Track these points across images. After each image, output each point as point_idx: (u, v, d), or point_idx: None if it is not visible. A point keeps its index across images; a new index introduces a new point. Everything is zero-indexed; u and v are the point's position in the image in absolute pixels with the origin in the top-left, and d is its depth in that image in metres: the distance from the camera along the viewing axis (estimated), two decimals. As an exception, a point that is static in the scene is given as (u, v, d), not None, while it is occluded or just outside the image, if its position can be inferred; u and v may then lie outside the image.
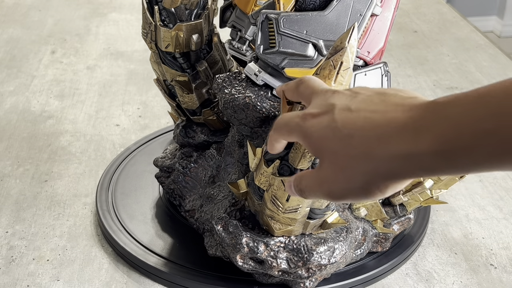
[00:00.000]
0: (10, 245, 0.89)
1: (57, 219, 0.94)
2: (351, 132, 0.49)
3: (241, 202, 0.80)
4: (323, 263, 0.75)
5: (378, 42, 0.76)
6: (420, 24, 1.66)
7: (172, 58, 0.85)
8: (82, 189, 1.01)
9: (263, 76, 0.75)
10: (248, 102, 0.75)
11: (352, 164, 0.50)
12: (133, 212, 0.92)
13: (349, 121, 0.50)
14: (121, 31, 1.61)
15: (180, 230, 0.89)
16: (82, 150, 1.11)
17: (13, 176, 1.04)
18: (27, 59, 1.44)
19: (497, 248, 0.90)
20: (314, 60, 0.73)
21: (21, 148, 1.11)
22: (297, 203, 0.71)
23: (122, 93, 1.30)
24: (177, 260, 0.83)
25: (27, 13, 1.70)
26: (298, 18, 0.72)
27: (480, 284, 0.83)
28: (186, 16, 0.82)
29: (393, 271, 0.85)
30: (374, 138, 0.48)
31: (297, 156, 0.67)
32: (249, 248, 0.75)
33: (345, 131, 0.50)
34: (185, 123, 0.92)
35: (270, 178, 0.70)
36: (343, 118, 0.50)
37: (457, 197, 1.00)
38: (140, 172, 1.01)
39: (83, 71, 1.40)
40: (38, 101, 1.27)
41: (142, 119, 1.21)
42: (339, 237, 0.77)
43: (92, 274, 0.84)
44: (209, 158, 0.89)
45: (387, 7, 0.75)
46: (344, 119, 0.50)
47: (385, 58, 0.78)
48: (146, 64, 1.38)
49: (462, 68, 1.42)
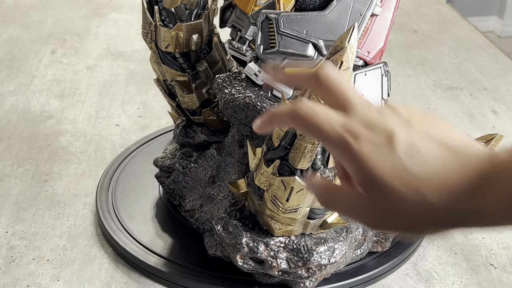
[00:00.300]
0: (10, 245, 0.89)
1: (57, 219, 0.94)
2: (419, 176, 0.44)
3: (241, 202, 0.80)
4: (323, 263, 0.75)
5: (378, 42, 0.76)
6: (420, 24, 1.66)
7: (172, 58, 0.85)
8: (82, 189, 1.01)
9: (263, 76, 0.75)
10: (248, 102, 0.75)
11: (409, 208, 0.45)
12: (133, 212, 0.92)
13: (418, 162, 0.45)
14: (121, 31, 1.61)
15: (180, 230, 0.89)
16: (82, 150, 1.11)
17: (13, 176, 1.04)
18: (27, 59, 1.44)
19: (497, 248, 0.90)
20: (314, 60, 0.73)
21: (21, 148, 1.11)
22: (297, 203, 0.71)
23: (122, 93, 1.30)
24: (177, 260, 0.83)
25: (27, 13, 1.70)
26: (298, 18, 0.72)
27: (480, 284, 0.83)
28: (186, 16, 0.82)
29: (393, 271, 0.85)
30: (444, 189, 0.44)
31: (297, 156, 0.67)
32: (249, 248, 0.75)
33: (413, 174, 0.44)
34: (185, 123, 0.92)
35: (270, 178, 0.70)
36: (409, 157, 0.45)
37: (457, 197, 1.00)
38: (140, 172, 1.01)
39: (83, 71, 1.40)
40: (38, 101, 1.27)
41: (142, 119, 1.21)
42: (339, 237, 0.77)
43: (92, 274, 0.84)
44: (209, 158, 0.89)
45: (387, 7, 0.75)
46: (411, 159, 0.45)
47: (385, 58, 0.78)
48: (146, 64, 1.38)
49: (462, 68, 1.42)
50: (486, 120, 1.21)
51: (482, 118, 1.22)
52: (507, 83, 1.36)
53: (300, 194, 0.69)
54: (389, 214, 0.46)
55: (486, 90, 1.33)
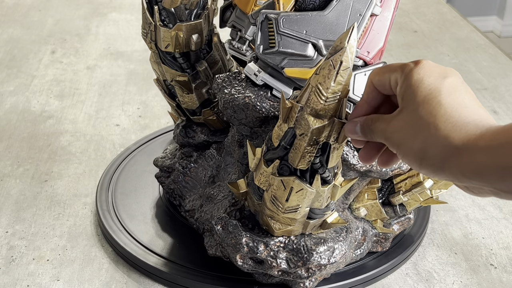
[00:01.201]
0: (10, 245, 0.89)
1: (57, 219, 0.94)
2: None
3: (241, 202, 0.80)
4: (323, 263, 0.75)
5: (377, 42, 0.76)
6: (420, 24, 1.66)
7: (172, 58, 0.85)
8: (82, 189, 1.01)
9: (263, 76, 0.75)
10: (248, 102, 0.75)
11: None
12: (133, 212, 0.92)
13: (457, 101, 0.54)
14: (121, 31, 1.61)
15: (180, 230, 0.89)
16: (82, 150, 1.11)
17: (13, 176, 1.04)
18: (27, 59, 1.44)
19: (497, 248, 0.90)
20: (313, 60, 0.73)
21: (21, 148, 1.11)
22: (297, 203, 0.71)
23: (122, 93, 1.30)
24: (177, 260, 0.84)
25: (27, 13, 1.70)
26: (298, 18, 0.72)
27: (480, 284, 0.83)
28: (186, 16, 0.82)
29: (393, 271, 0.85)
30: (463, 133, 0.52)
31: (297, 156, 0.67)
32: (249, 248, 0.75)
33: None
34: (185, 123, 0.92)
35: (269, 178, 0.70)
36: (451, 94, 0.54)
37: (457, 197, 1.00)
38: (140, 172, 1.01)
39: (83, 71, 1.40)
40: (38, 101, 1.27)
41: (142, 119, 1.21)
42: (339, 237, 0.77)
43: (92, 274, 0.84)
44: (209, 158, 0.89)
45: (386, 7, 0.75)
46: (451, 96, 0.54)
47: (385, 58, 0.78)
48: (146, 64, 1.38)
49: (462, 68, 1.42)
50: (486, 120, 1.21)
51: (482, 118, 1.22)
52: (507, 83, 1.36)
53: (299, 194, 0.69)
54: (419, 134, 0.53)
55: (486, 90, 1.33)
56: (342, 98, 0.63)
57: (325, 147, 0.66)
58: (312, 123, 0.64)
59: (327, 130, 0.64)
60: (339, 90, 0.62)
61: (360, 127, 0.60)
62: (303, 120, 0.64)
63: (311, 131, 0.64)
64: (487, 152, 0.49)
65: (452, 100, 0.53)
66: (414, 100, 0.54)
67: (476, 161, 0.50)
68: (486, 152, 0.49)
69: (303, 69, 0.73)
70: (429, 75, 0.55)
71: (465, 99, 0.54)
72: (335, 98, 0.62)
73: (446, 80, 0.55)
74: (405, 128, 0.55)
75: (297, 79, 0.73)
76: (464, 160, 0.50)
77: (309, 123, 0.64)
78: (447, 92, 0.54)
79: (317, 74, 0.63)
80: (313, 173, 0.68)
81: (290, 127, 0.66)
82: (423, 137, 0.53)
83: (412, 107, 0.54)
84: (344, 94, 0.63)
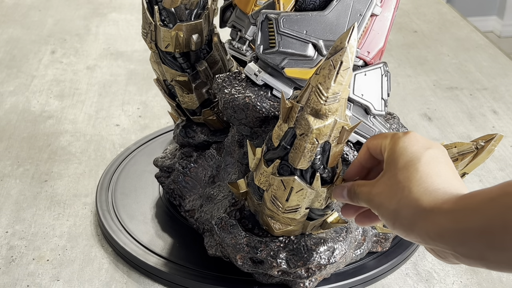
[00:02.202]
0: (10, 245, 0.89)
1: (57, 219, 0.94)
2: None
3: (241, 202, 0.80)
4: (322, 263, 0.75)
5: (378, 42, 0.76)
6: (420, 24, 1.66)
7: (172, 58, 0.85)
8: (82, 189, 1.01)
9: (263, 76, 0.75)
10: (248, 102, 0.75)
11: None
12: (133, 212, 0.92)
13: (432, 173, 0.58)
14: (121, 31, 1.61)
15: (180, 230, 0.89)
16: (82, 150, 1.11)
17: (13, 176, 1.04)
18: (27, 59, 1.44)
19: (497, 248, 0.90)
20: (314, 60, 0.73)
21: (21, 148, 1.11)
22: (297, 203, 0.71)
23: (122, 93, 1.30)
24: (177, 260, 0.83)
25: (27, 13, 1.70)
26: (298, 18, 0.72)
27: (480, 284, 0.83)
28: (186, 16, 0.82)
29: (393, 271, 0.85)
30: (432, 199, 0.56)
31: (297, 156, 0.67)
32: (249, 248, 0.75)
33: None
34: (185, 123, 0.92)
35: (270, 178, 0.70)
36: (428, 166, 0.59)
37: (457, 197, 1.00)
38: (140, 172, 1.01)
39: (83, 71, 1.40)
40: (38, 101, 1.27)
41: (142, 119, 1.21)
42: (339, 237, 0.77)
43: (92, 274, 0.84)
44: (209, 158, 0.89)
45: (387, 7, 0.75)
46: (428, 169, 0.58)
47: (385, 58, 0.78)
48: (146, 64, 1.38)
49: (462, 68, 1.42)
50: (486, 120, 1.21)
51: (482, 118, 1.22)
52: (507, 83, 1.36)
53: (299, 194, 0.69)
54: (395, 196, 0.57)
55: (486, 90, 1.33)
56: (342, 98, 0.63)
57: (325, 147, 0.67)
58: (313, 123, 0.64)
59: (327, 130, 0.64)
60: (339, 90, 0.62)
61: (347, 192, 0.66)
62: (303, 120, 0.64)
63: (311, 131, 0.64)
64: (449, 216, 0.52)
65: (428, 168, 0.57)
66: (396, 165, 0.59)
67: (439, 224, 0.53)
68: (448, 216, 0.52)
69: (303, 69, 0.73)
70: (413, 144, 0.59)
71: (442, 169, 0.57)
72: (335, 98, 0.63)
73: (427, 151, 0.58)
74: (385, 191, 0.59)
75: (297, 79, 0.73)
76: (430, 223, 0.53)
77: (309, 123, 0.64)
78: (425, 161, 0.57)
79: (317, 74, 0.63)
80: (313, 173, 0.68)
81: (290, 127, 0.66)
82: (398, 199, 0.57)
83: (393, 172, 0.58)
84: (344, 94, 0.63)
